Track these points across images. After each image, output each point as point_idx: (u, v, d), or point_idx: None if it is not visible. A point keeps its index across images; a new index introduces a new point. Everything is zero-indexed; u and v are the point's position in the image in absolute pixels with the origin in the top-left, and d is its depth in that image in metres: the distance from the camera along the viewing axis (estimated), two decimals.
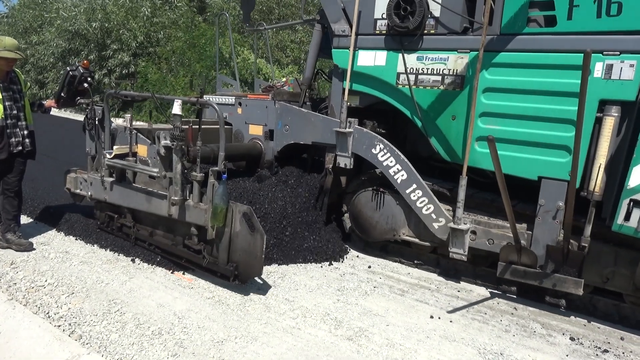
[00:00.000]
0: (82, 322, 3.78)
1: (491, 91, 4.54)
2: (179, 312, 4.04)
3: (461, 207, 4.60)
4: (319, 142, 5.54)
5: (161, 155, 4.54)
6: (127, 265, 4.96)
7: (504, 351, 3.80)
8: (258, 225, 4.30)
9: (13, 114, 5.05)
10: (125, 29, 19.26)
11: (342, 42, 5.35)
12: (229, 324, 3.91)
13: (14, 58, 4.95)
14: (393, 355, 3.64)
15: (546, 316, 4.50)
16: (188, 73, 18.54)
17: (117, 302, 4.16)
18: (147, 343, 3.56)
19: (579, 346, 3.99)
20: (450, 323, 4.22)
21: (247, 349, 3.57)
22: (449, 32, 4.76)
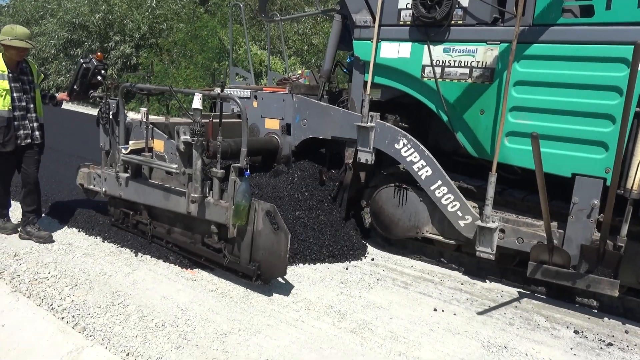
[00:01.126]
0: (86, 314, 3.74)
1: (523, 84, 4.32)
2: (183, 305, 3.98)
3: (490, 204, 4.39)
4: (338, 136, 5.32)
5: (180, 151, 4.32)
6: (130, 257, 4.88)
7: (508, 344, 3.73)
8: (282, 224, 4.09)
9: (22, 105, 4.83)
10: (128, 20, 18.95)
11: (363, 33, 5.12)
12: (232, 317, 3.85)
13: (24, 47, 4.74)
14: (396, 348, 3.59)
15: (550, 309, 4.41)
16: (190, 64, 18.28)
17: (121, 294, 4.10)
18: (150, 335, 3.52)
19: (583, 339, 3.91)
20: (454, 316, 4.14)
21: (250, 342, 3.52)
22: (477, 22, 4.53)
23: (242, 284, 4.40)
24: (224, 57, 18.09)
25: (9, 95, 4.73)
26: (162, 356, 3.30)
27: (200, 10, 20.09)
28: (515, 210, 4.66)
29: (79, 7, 19.37)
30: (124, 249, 5.05)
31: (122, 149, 4.81)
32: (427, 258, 5.24)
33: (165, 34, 19.49)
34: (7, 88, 4.72)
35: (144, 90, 4.75)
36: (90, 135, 10.23)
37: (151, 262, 4.78)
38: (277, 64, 17.07)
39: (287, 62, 8.16)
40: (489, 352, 3.62)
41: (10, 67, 4.79)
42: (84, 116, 15.48)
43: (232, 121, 5.57)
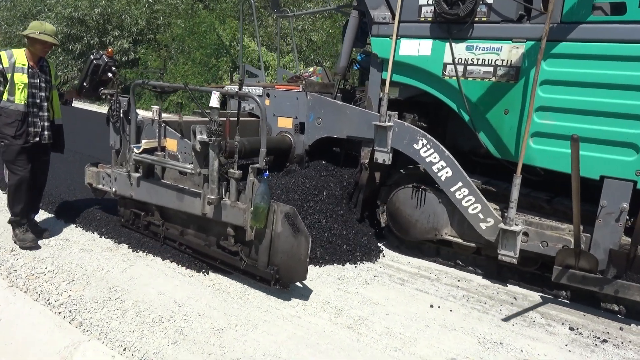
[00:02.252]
0: (83, 309, 3.71)
1: (549, 84, 4.15)
2: (180, 300, 3.95)
3: (514, 207, 4.22)
4: (355, 136, 5.13)
5: (196, 151, 4.12)
6: (127, 253, 4.81)
7: (504, 340, 3.71)
8: (302, 227, 3.91)
9: (36, 102, 4.62)
10: (126, 15, 18.66)
11: (382, 30, 4.92)
12: (229, 312, 3.82)
13: (51, 43, 4.59)
14: (393, 343, 3.56)
15: (546, 306, 4.36)
16: (188, 60, 18.03)
17: (118, 289, 4.06)
18: (147, 330, 3.49)
19: (578, 336, 3.88)
20: (450, 312, 4.11)
21: (247, 337, 3.49)
22: (502, 19, 4.36)
23: (239, 280, 4.34)
24: (222, 53, 17.86)
25: (27, 89, 4.54)
26: (159, 351, 3.27)
27: (199, 6, 19.81)
28: (538, 213, 4.50)
29: (78, 1, 19.07)
30: (121, 244, 4.98)
31: (134, 148, 4.60)
32: (444, 260, 5.07)
33: (163, 29, 19.21)
34: (26, 82, 4.53)
35: (157, 87, 4.54)
36: (96, 133, 10.10)
37: (148, 258, 4.71)
38: (274, 60, 16.89)
39: (296, 58, 7.94)
40: (484, 348, 3.58)
41: (31, 62, 4.61)
42: (89, 113, 15.23)
43: (244, 119, 5.37)
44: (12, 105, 4.50)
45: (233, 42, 17.56)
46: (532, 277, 4.64)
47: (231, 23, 18.05)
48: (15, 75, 4.50)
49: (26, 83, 4.52)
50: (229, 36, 17.68)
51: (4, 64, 4.47)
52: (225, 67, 17.51)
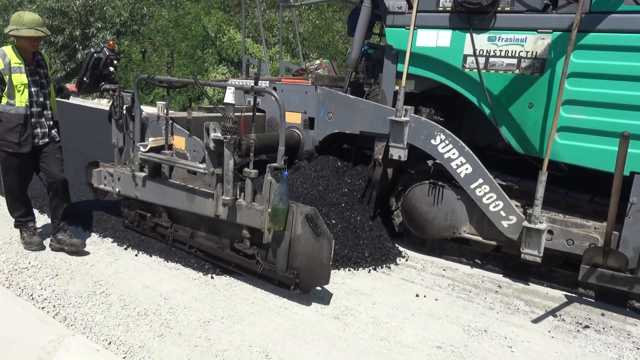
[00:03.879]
0: (67, 304, 3.64)
1: (577, 76, 3.94)
2: (165, 293, 3.89)
3: (539, 205, 4.03)
4: (368, 131, 4.89)
5: (210, 149, 3.84)
6: (112, 247, 4.71)
7: (488, 328, 3.71)
8: (324, 229, 3.67)
9: (39, 101, 4.26)
10: (109, 6, 18.08)
11: (397, 20, 4.67)
12: (215, 304, 3.78)
13: (36, 37, 4.14)
14: (379, 333, 3.54)
15: (529, 293, 4.36)
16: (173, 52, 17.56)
17: (103, 283, 3.99)
18: (132, 324, 3.44)
19: (561, 322, 3.89)
20: (436, 301, 4.09)
21: (233, 329, 3.46)
22: (527, 9, 4.14)
23: (226, 273, 4.26)
24: (207, 45, 17.43)
25: (27, 89, 4.15)
26: (144, 344, 3.22)
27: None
28: (560, 210, 4.32)
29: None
30: (106, 238, 4.86)
31: (140, 146, 4.30)
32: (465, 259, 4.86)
33: (147, 20, 18.68)
34: (26, 82, 4.14)
35: (164, 82, 4.24)
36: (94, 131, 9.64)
37: (133, 252, 4.61)
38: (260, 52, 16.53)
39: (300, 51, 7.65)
40: (469, 336, 3.58)
41: (26, 59, 4.20)
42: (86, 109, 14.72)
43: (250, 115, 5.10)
44: (13, 109, 4.13)
45: (218, 34, 17.13)
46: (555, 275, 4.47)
47: (217, 14, 17.60)
48: (13, 76, 4.10)
49: (26, 83, 4.15)
50: (215, 27, 17.25)
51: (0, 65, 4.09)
52: (210, 58, 17.10)
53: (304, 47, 17.57)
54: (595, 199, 4.23)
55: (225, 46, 16.84)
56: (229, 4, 19.14)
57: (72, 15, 18.29)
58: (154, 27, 18.14)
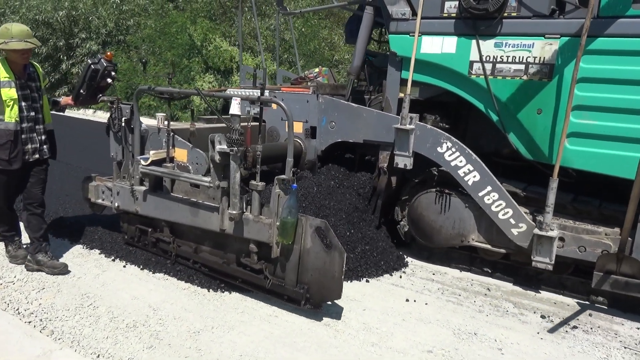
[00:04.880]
0: (54, 318, 3.58)
1: (586, 82, 3.89)
2: (154, 304, 3.84)
3: (550, 212, 3.96)
4: (372, 140, 4.79)
5: (215, 162, 3.71)
6: (99, 258, 4.63)
7: (478, 331, 3.72)
8: (336, 242, 3.55)
9: (30, 116, 4.08)
10: (94, 16, 17.84)
11: (400, 27, 4.58)
12: (205, 314, 3.74)
13: (26, 49, 3.98)
14: (370, 339, 3.53)
15: (518, 295, 4.37)
16: (159, 61, 17.37)
17: (90, 295, 3.92)
18: (121, 336, 3.38)
19: (550, 323, 3.90)
20: (426, 305, 4.08)
21: (224, 338, 3.42)
22: (534, 14, 4.08)
23: (215, 282, 4.16)
24: (193, 54, 17.26)
25: (17, 104, 3.97)
26: (133, 356, 3.18)
27: (169, 6, 19.10)
28: (569, 216, 4.25)
29: (41, 4, 18.15)
30: (93, 250, 4.77)
31: (141, 160, 4.15)
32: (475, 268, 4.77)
33: (133, 30, 18.46)
34: (15, 97, 3.95)
35: (165, 93, 4.10)
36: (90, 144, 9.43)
37: (121, 263, 4.53)
38: (247, 60, 16.40)
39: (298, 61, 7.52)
40: (459, 339, 3.58)
41: (16, 72, 4.02)
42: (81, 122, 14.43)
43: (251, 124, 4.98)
44: (2, 125, 3.93)
45: (205, 43, 16.98)
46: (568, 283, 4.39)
47: (202, 23, 17.45)
48: (2, 90, 3.91)
49: (16, 98, 3.95)
50: (201, 36, 17.09)
51: None
52: (197, 67, 16.94)
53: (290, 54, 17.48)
54: (603, 205, 4.18)
55: (211, 55, 16.68)
56: (215, 13, 18.98)
57: (56, 26, 18.02)
58: (140, 36, 17.94)
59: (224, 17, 18.82)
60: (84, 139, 10.11)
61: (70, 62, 17.79)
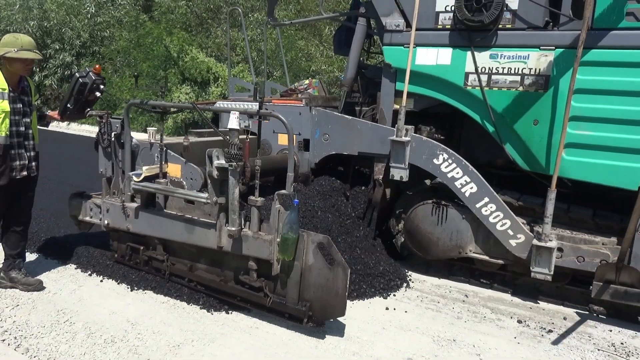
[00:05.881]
0: (29, 335, 3.50)
1: (581, 93, 3.90)
2: (133, 319, 3.78)
3: (549, 222, 3.95)
4: (367, 152, 4.73)
5: (213, 178, 3.60)
6: (75, 273, 4.53)
7: (457, 337, 3.77)
8: (339, 258, 3.46)
9: (20, 130, 3.92)
10: (67, 27, 17.49)
11: (395, 38, 4.54)
12: (185, 327, 3.69)
13: (32, 59, 3.90)
14: (351, 348, 3.54)
15: (495, 301, 4.44)
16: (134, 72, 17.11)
17: (66, 311, 3.85)
18: (99, 352, 3.33)
19: (526, 328, 3.98)
20: (405, 313, 4.11)
21: (204, 351, 3.40)
22: (528, 26, 4.09)
23: (195, 295, 4.11)
24: (169, 65, 17.06)
25: (8, 118, 3.81)
26: None
27: (144, 18, 18.86)
28: (566, 226, 4.27)
29: (11, 15, 17.75)
30: (68, 265, 4.67)
31: (133, 176, 4.01)
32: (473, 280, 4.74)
33: (108, 41, 18.16)
34: (7, 110, 3.79)
35: (158, 107, 3.98)
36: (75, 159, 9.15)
37: (98, 278, 4.45)
38: (224, 71, 16.29)
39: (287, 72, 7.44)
40: (439, 346, 3.62)
41: (11, 84, 3.87)
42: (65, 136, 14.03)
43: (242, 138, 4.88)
44: None
45: (181, 54, 16.80)
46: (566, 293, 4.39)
47: (179, 34, 17.27)
48: None
49: (7, 111, 3.80)
50: (177, 48, 16.92)
51: None
52: (174, 79, 16.74)
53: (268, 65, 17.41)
54: (597, 214, 4.20)
55: (188, 66, 16.52)
56: (191, 24, 18.82)
57: None
58: (115, 48, 17.66)
59: (200, 29, 18.65)
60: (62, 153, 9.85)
61: (43, 74, 17.40)
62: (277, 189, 4.89)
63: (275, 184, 5.22)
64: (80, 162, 7.92)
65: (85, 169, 6.68)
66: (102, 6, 18.22)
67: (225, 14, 18.12)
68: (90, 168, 4.68)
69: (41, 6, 17.79)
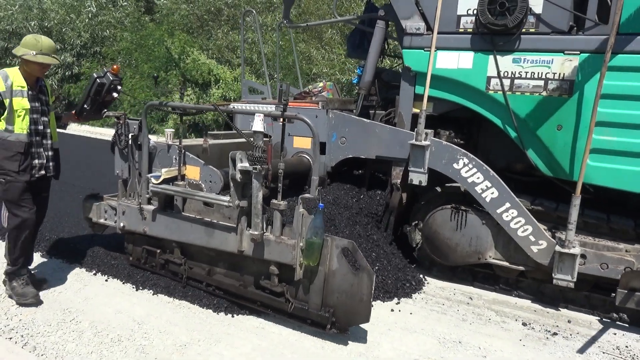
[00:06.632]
0: (36, 333, 3.48)
1: (607, 98, 3.85)
2: (139, 318, 3.77)
3: (573, 229, 3.90)
4: (385, 156, 4.67)
5: (236, 181, 3.53)
6: (80, 272, 4.52)
7: (462, 339, 3.76)
8: (364, 263, 3.39)
9: (39, 129, 3.85)
10: (68, 27, 17.39)
11: (415, 42, 4.49)
12: (191, 327, 3.68)
13: (49, 63, 3.82)
14: (357, 349, 3.54)
15: (500, 304, 4.43)
16: (136, 74, 17.02)
17: (72, 310, 3.84)
18: (106, 351, 3.32)
19: (531, 331, 3.97)
20: (411, 315, 4.10)
21: (210, 351, 3.39)
22: (552, 31, 4.05)
23: (200, 295, 4.08)
24: (171, 67, 16.97)
25: (28, 115, 3.75)
26: None
27: (145, 19, 18.77)
28: (590, 233, 4.22)
29: (11, 15, 17.63)
30: (73, 264, 4.65)
31: (152, 178, 3.93)
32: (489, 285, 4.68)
33: (109, 42, 18.06)
34: (28, 107, 3.73)
35: (178, 109, 3.90)
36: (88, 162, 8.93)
37: (103, 278, 4.44)
38: (225, 73, 16.22)
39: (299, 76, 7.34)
40: (444, 348, 3.62)
41: (29, 83, 3.81)
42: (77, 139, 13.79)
43: None
44: (12, 136, 3.70)
45: (182, 55, 16.72)
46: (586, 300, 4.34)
47: (180, 36, 17.19)
48: (14, 100, 3.70)
49: (28, 109, 3.74)
50: (178, 49, 16.83)
51: (0, 87, 3.66)
52: (174, 80, 16.65)
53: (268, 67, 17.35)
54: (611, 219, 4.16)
55: (189, 68, 16.44)
56: (192, 26, 18.75)
57: None
58: (116, 48, 17.55)
59: (201, 30, 18.58)
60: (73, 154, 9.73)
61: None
62: (292, 192, 4.87)
63: (290, 187, 5.14)
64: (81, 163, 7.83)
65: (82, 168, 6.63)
66: (103, 7, 18.11)
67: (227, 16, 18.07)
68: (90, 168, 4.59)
69: (41, 6, 17.68)
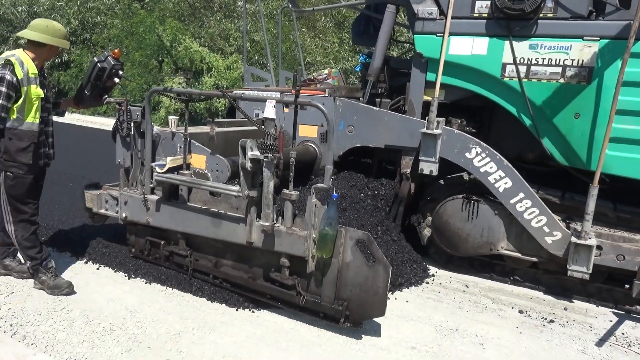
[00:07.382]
0: (25, 322, 3.40)
1: (627, 85, 3.73)
2: (131, 307, 3.70)
3: (590, 220, 3.80)
4: (394, 145, 4.52)
5: (246, 170, 3.37)
6: (71, 261, 4.39)
7: (459, 327, 3.74)
8: (380, 255, 3.26)
9: (44, 116, 3.67)
10: (57, 14, 17.01)
11: (427, 27, 4.34)
12: (185, 315, 3.62)
13: (63, 47, 3.68)
14: (352, 337, 3.47)
15: (496, 292, 4.41)
16: (126, 62, 16.70)
17: (63, 299, 3.74)
18: (98, 340, 3.25)
19: (528, 318, 3.95)
20: (407, 303, 4.06)
21: (205, 339, 3.34)
22: (571, 15, 3.91)
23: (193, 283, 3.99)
24: (162, 55, 16.68)
25: (39, 103, 3.56)
26: None
27: (136, 6, 18.40)
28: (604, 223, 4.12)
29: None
30: (63, 252, 4.53)
31: (156, 167, 3.76)
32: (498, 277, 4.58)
33: (99, 29, 17.71)
34: (42, 94, 3.55)
35: (183, 95, 3.72)
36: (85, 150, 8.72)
37: (94, 266, 4.33)
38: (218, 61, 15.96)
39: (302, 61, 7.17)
40: (441, 336, 3.60)
41: (38, 69, 3.62)
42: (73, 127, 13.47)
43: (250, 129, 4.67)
44: (24, 125, 3.51)
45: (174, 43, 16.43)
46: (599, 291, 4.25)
47: (171, 23, 16.88)
48: (31, 88, 3.50)
49: (42, 96, 3.56)
50: (170, 37, 16.53)
51: (19, 74, 3.44)
52: (166, 68, 16.38)
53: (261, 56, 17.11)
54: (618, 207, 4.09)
55: (181, 55, 16.16)
56: (184, 14, 18.43)
57: (16, 23, 17.14)
58: (106, 35, 17.21)
59: (192, 18, 18.27)
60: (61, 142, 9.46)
61: None
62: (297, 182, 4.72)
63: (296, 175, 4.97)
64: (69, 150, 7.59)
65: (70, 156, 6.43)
66: None
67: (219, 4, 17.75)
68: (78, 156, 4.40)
69: None
